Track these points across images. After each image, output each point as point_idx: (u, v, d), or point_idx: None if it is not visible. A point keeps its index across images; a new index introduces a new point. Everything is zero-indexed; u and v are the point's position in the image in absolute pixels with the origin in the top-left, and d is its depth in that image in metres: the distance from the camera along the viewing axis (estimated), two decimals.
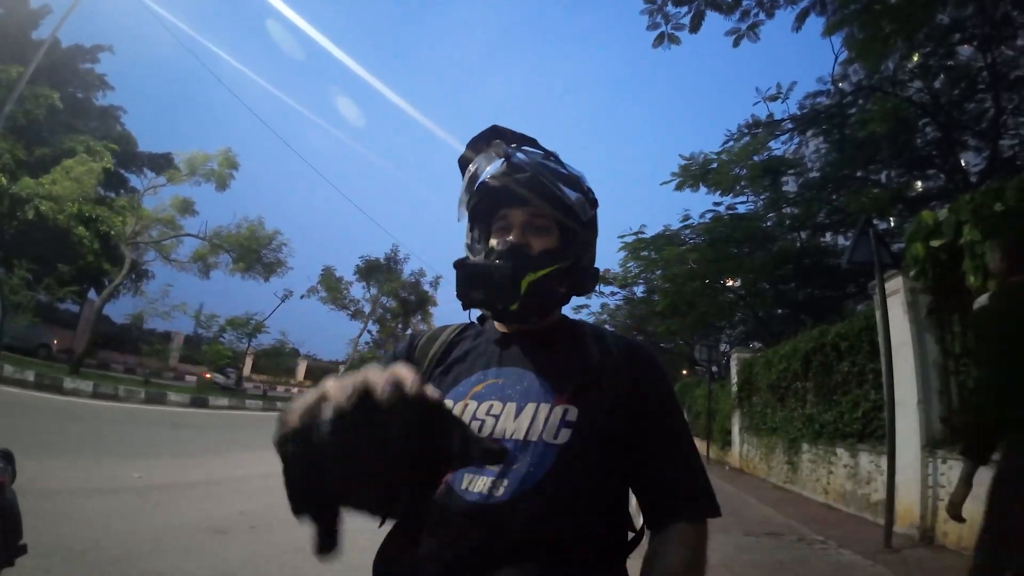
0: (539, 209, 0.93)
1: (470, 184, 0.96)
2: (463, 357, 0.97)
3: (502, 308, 0.90)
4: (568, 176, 0.95)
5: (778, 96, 12.56)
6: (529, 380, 0.89)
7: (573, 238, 0.96)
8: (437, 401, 0.54)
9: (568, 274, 0.94)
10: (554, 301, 0.96)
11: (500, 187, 0.94)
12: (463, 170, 0.98)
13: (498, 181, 0.94)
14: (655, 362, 0.97)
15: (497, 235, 0.96)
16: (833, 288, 14.42)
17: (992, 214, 4.20)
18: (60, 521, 3.50)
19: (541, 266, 0.90)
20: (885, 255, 5.28)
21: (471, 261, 0.94)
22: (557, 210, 0.94)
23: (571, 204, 0.93)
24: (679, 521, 0.85)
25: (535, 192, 0.92)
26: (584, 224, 0.96)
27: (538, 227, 0.94)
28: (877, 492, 5.79)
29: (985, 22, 9.48)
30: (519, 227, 0.94)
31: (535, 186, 0.92)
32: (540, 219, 0.94)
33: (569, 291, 0.97)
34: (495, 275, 0.88)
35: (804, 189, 13.95)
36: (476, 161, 0.96)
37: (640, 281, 18.45)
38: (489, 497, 0.79)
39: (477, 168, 0.96)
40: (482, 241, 1.00)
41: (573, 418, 0.83)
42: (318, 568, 3.48)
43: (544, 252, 0.93)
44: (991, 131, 10.33)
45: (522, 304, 0.89)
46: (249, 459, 7.13)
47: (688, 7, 8.69)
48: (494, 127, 0.96)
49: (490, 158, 0.96)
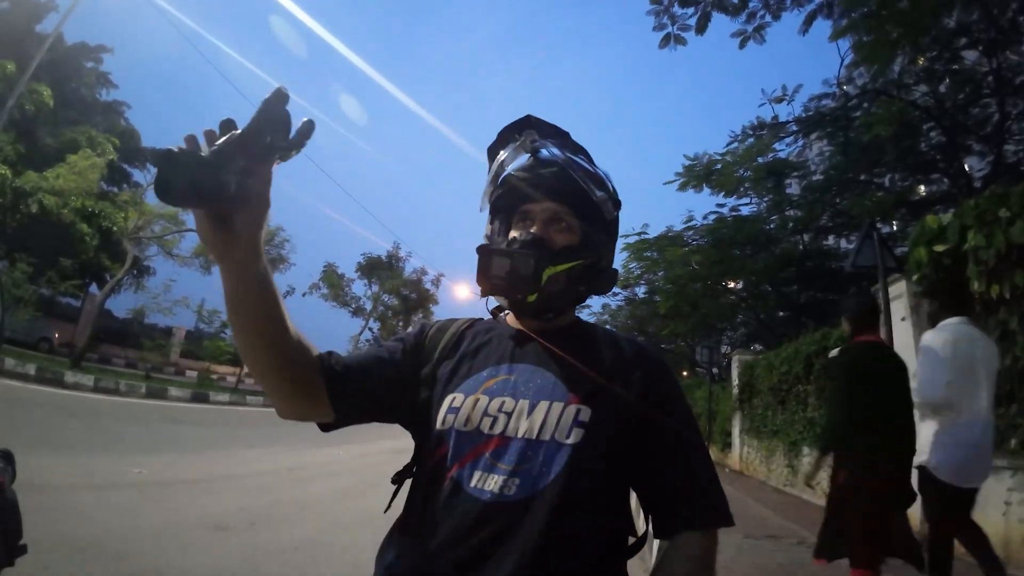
0: (563, 205, 0.92)
1: (495, 176, 0.95)
2: (475, 351, 0.95)
3: (521, 297, 0.89)
4: (595, 174, 0.94)
5: (783, 98, 12.56)
6: (543, 378, 0.88)
7: (595, 237, 0.95)
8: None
9: (588, 272, 0.93)
10: (572, 298, 0.96)
11: (525, 181, 0.93)
12: (491, 159, 0.96)
13: (524, 175, 0.93)
14: (667, 368, 0.96)
15: (518, 228, 0.95)
16: (835, 291, 14.41)
17: (996, 219, 4.20)
18: (60, 517, 3.49)
19: (562, 261, 0.89)
20: (889, 259, 5.27)
21: (493, 247, 0.92)
22: (582, 207, 0.93)
23: (597, 202, 0.92)
24: (688, 530, 0.84)
25: (561, 188, 0.91)
26: (607, 224, 0.95)
27: (561, 223, 0.93)
28: None
29: (991, 27, 9.45)
30: (542, 221, 0.93)
31: (562, 182, 0.91)
32: (564, 215, 0.93)
33: (587, 290, 0.96)
34: (517, 262, 0.87)
35: (808, 192, 13.94)
36: (504, 152, 0.95)
37: (642, 282, 18.45)
38: (501, 495, 0.78)
39: (504, 160, 0.95)
40: (502, 234, 0.99)
41: (586, 419, 0.82)
42: (318, 564, 3.50)
43: (566, 248, 0.92)
44: (996, 136, 10.31)
45: (540, 297, 0.88)
46: (249, 455, 7.15)
47: (695, 8, 8.70)
48: (528, 117, 0.95)
49: (518, 151, 0.94)
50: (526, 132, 0.93)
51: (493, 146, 0.96)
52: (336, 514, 4.82)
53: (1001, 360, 4.21)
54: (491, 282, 0.88)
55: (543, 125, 0.94)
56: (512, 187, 0.94)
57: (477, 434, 0.83)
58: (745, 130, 12.34)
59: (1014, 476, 3.91)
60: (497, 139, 0.96)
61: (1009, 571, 3.83)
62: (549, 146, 0.94)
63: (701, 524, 0.85)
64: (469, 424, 0.84)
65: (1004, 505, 3.94)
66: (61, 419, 7.80)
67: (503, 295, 0.91)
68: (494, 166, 0.95)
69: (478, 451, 0.82)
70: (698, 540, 0.84)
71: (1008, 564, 3.86)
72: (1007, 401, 4.24)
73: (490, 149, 0.97)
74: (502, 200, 0.97)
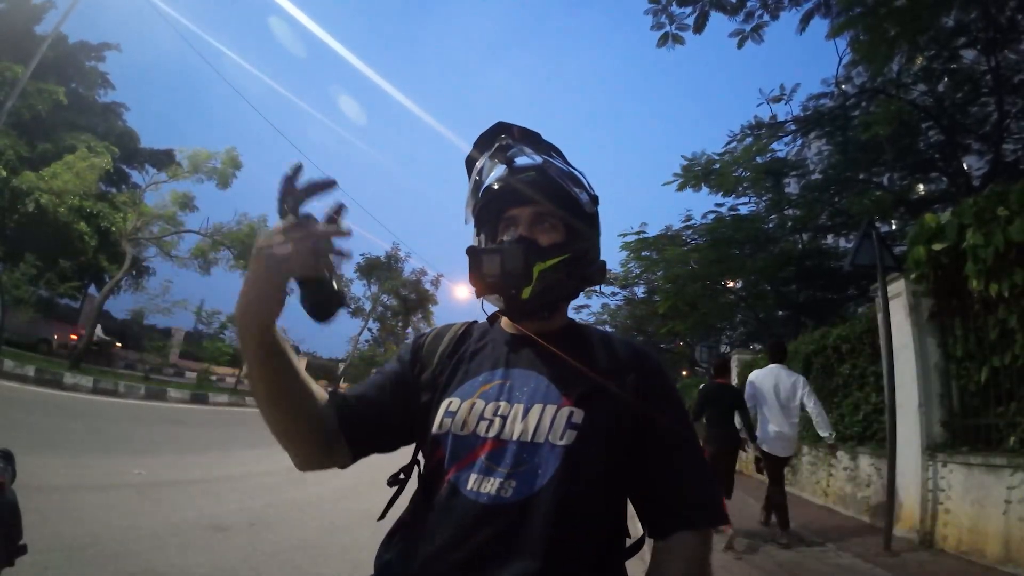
0: (545, 206, 0.94)
1: (475, 189, 0.97)
2: (471, 356, 0.96)
3: (515, 293, 0.89)
4: (571, 173, 0.97)
5: (781, 97, 12.56)
6: (537, 382, 0.89)
7: (579, 232, 0.96)
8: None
9: (576, 265, 0.94)
10: (564, 293, 0.96)
11: (505, 189, 0.94)
12: (469, 170, 0.98)
13: (503, 184, 0.95)
14: (662, 369, 0.97)
15: (504, 233, 0.96)
16: (834, 290, 14.43)
17: (994, 218, 4.20)
18: (59, 517, 3.49)
19: (550, 256, 0.90)
20: (887, 258, 5.28)
21: (481, 247, 0.94)
22: (562, 206, 0.94)
23: (576, 199, 0.94)
24: (683, 530, 0.84)
25: (540, 190, 0.93)
26: (588, 218, 0.97)
27: (545, 223, 0.94)
28: (877, 495, 5.79)
29: (989, 25, 9.46)
30: (527, 223, 0.94)
31: (540, 184, 0.93)
32: (546, 215, 0.94)
33: (579, 283, 0.97)
34: (507, 256, 0.88)
35: (806, 191, 13.95)
36: (481, 162, 0.96)
37: (641, 282, 18.46)
38: (498, 498, 0.79)
39: (482, 170, 0.97)
40: (489, 243, 1.00)
41: (579, 420, 0.83)
42: (317, 565, 3.50)
43: (552, 245, 0.93)
44: (994, 135, 10.33)
45: (534, 293, 0.88)
46: (249, 456, 7.13)
47: (692, 8, 8.69)
48: (499, 123, 0.97)
49: (494, 162, 0.96)
50: (499, 139, 0.95)
51: (470, 157, 0.98)
52: (335, 515, 4.82)
53: (1000, 358, 4.24)
54: (484, 280, 0.89)
55: (514, 129, 0.96)
56: (493, 196, 0.96)
57: (473, 437, 0.84)
58: (744, 129, 12.35)
59: (1014, 474, 3.91)
60: (473, 149, 0.98)
61: (1009, 570, 3.84)
62: (524, 151, 0.96)
63: (696, 524, 0.85)
64: (465, 428, 0.85)
65: (1004, 504, 3.93)
66: (60, 420, 7.78)
67: (497, 292, 0.92)
68: (473, 177, 0.97)
69: (474, 454, 0.83)
70: (693, 540, 0.84)
71: (1008, 563, 3.87)
72: (1007, 400, 4.25)
73: (467, 160, 0.99)
74: (485, 212, 0.98)
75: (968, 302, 4.67)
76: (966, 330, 4.75)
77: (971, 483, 4.38)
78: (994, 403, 4.38)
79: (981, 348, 4.52)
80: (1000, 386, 4.32)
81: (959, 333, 4.84)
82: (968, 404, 4.75)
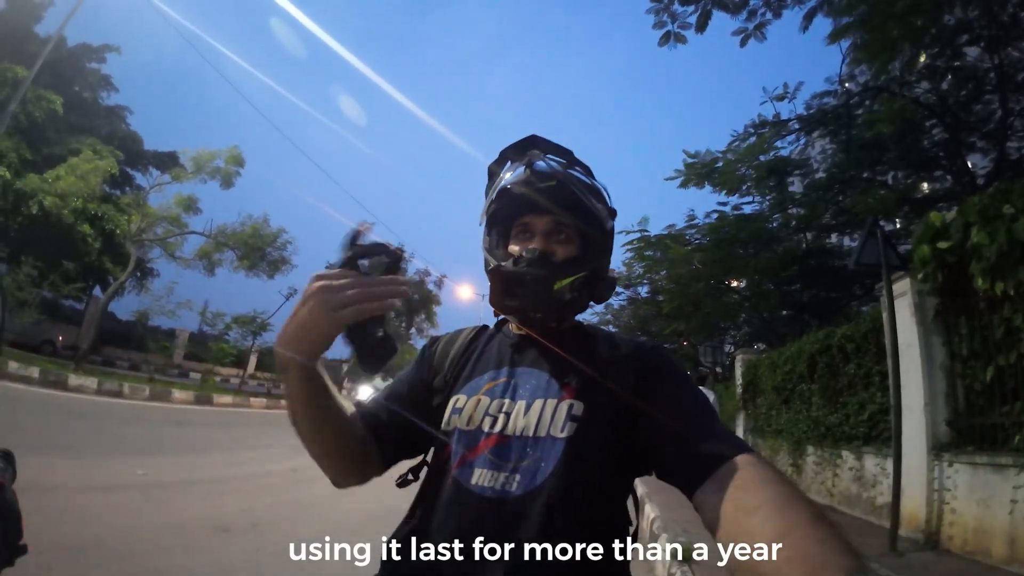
0: (563, 218, 0.93)
1: (493, 190, 0.97)
2: (479, 356, 0.99)
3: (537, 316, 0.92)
4: (593, 187, 0.96)
5: (785, 96, 12.50)
6: (538, 378, 0.90)
7: (594, 247, 0.96)
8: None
9: (589, 282, 0.94)
10: (576, 309, 0.97)
11: (522, 194, 0.93)
12: (491, 178, 0.98)
13: (520, 188, 0.94)
14: (667, 356, 0.96)
15: (517, 241, 0.96)
16: (839, 290, 14.35)
17: (999, 216, 4.17)
18: (62, 518, 3.50)
19: (567, 273, 0.90)
20: (892, 257, 5.25)
21: (506, 268, 0.93)
22: (580, 219, 0.94)
23: (595, 214, 0.93)
24: (727, 461, 0.72)
25: (560, 200, 0.92)
26: (604, 234, 0.96)
27: (561, 234, 0.94)
28: (882, 495, 5.76)
29: (992, 23, 9.41)
30: (543, 234, 0.94)
31: (560, 194, 0.92)
32: (563, 227, 0.94)
33: (589, 299, 0.97)
34: (530, 283, 0.89)
35: (810, 190, 13.88)
36: (505, 169, 0.97)
37: (644, 281, 18.42)
38: (503, 492, 0.80)
39: (502, 175, 0.96)
40: (500, 247, 1.00)
41: (579, 412, 0.84)
42: (320, 566, 3.49)
43: (568, 260, 0.93)
44: (998, 133, 10.27)
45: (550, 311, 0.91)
46: (252, 457, 7.15)
47: (695, 6, 8.67)
48: (532, 137, 0.96)
49: (515, 166, 0.96)
50: (529, 153, 0.94)
51: (494, 165, 0.98)
52: (338, 515, 4.82)
53: (1006, 357, 4.22)
54: (505, 306, 0.93)
55: (545, 144, 0.95)
56: (510, 199, 0.95)
57: (478, 432, 0.86)
58: (747, 128, 12.30)
59: (1019, 474, 3.89)
60: (498, 158, 0.98)
61: (1015, 569, 3.82)
62: (548, 159, 0.95)
63: (732, 453, 0.73)
64: (471, 423, 0.87)
65: (1010, 503, 3.91)
66: (64, 421, 7.82)
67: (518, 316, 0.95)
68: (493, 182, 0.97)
69: (479, 449, 0.85)
70: (740, 461, 0.71)
71: (1014, 563, 3.85)
72: (1012, 399, 4.22)
73: (491, 168, 0.99)
74: (499, 212, 0.98)
75: (973, 301, 4.64)
76: (971, 329, 4.72)
77: (977, 483, 4.35)
78: (999, 402, 4.36)
79: (986, 347, 4.49)
80: (1005, 385, 4.30)
81: (964, 332, 4.81)
82: (974, 403, 4.72)
